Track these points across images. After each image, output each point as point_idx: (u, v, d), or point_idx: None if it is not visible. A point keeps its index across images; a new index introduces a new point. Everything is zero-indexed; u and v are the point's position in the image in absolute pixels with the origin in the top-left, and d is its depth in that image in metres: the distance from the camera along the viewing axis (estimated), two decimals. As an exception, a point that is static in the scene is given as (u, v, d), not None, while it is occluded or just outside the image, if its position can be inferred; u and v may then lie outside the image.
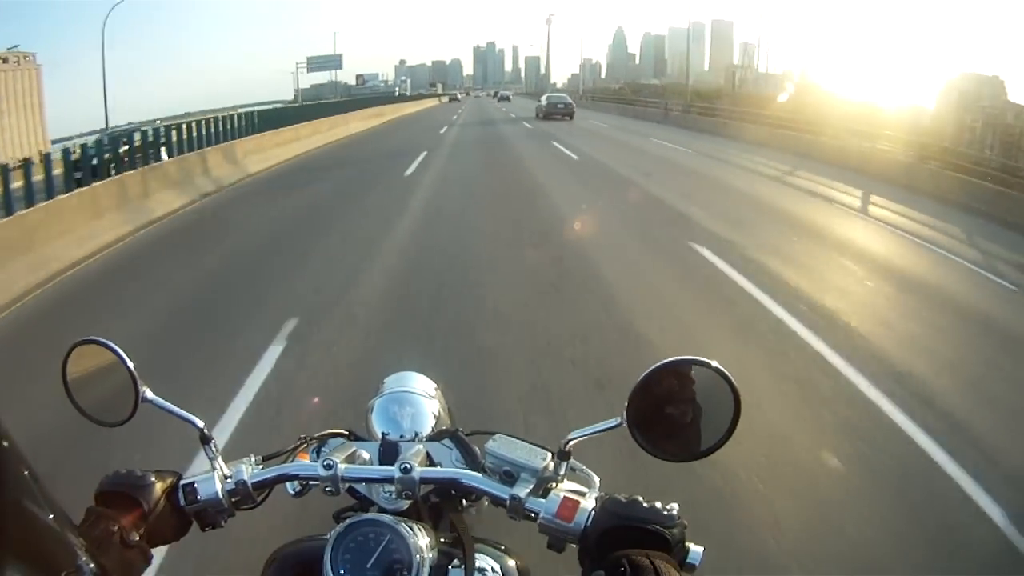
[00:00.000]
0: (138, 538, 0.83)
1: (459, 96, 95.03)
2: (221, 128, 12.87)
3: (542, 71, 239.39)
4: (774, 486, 2.92)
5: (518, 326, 4.76)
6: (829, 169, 13.40)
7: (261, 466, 0.98)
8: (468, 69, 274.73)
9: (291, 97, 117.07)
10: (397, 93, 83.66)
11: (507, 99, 71.95)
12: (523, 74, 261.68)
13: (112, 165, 9.21)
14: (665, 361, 0.85)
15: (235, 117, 14.03)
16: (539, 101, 32.52)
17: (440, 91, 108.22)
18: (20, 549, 0.53)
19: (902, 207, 10.08)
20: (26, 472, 0.55)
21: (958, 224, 9.18)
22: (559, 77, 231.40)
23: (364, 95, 61.50)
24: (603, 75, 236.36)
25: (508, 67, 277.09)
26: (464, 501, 1.06)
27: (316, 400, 3.69)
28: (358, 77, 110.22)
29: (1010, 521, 2.75)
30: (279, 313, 4.99)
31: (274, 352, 4.32)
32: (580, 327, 4.71)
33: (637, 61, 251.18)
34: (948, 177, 11.75)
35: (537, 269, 6.18)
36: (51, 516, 0.57)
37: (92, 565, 0.62)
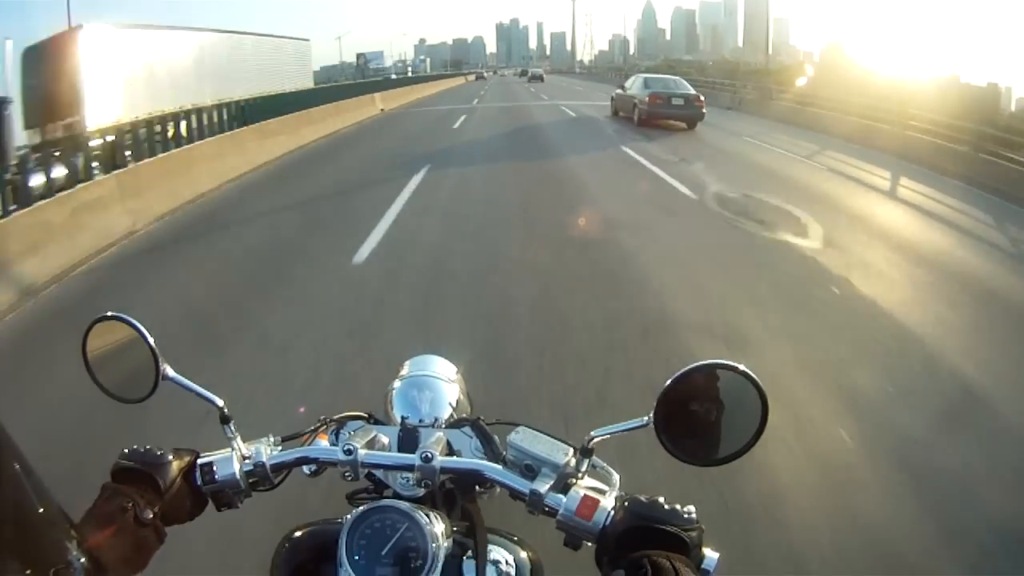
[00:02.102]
0: (152, 516, 0.82)
1: (485, 75, 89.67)
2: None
3: (568, 47, 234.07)
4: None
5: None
6: None
7: (280, 447, 0.98)
8: (491, 47, 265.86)
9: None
10: (410, 74, 76.44)
11: (539, 79, 60.40)
12: (548, 51, 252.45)
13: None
14: (694, 364, 0.85)
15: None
16: (621, 89, 18.56)
17: (464, 71, 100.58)
18: (9, 544, 0.54)
19: None
20: (18, 466, 0.55)
21: None
22: (585, 54, 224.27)
23: (372, 79, 54.55)
24: (631, 51, 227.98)
25: (533, 44, 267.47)
26: (478, 488, 1.04)
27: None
28: (359, 56, 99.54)
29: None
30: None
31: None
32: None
33: (668, 37, 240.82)
34: None
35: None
36: (41, 510, 0.58)
37: (83, 560, 0.64)
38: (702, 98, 16.13)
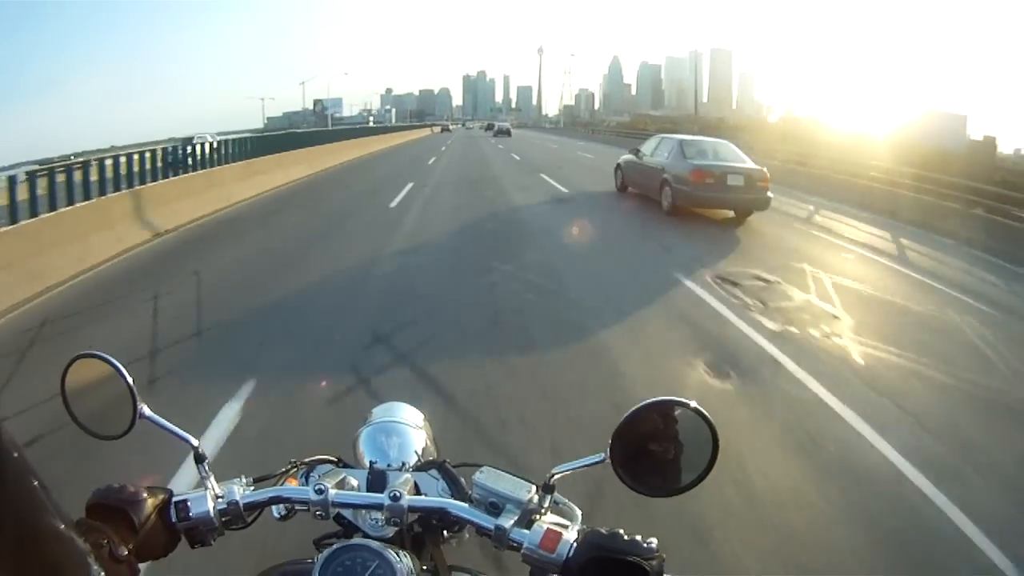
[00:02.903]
0: (127, 552, 0.83)
1: (451, 127, 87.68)
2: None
3: (534, 101, 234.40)
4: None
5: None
6: None
7: (252, 487, 1.00)
8: (457, 99, 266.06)
9: (259, 125, 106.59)
10: (372, 123, 72.67)
11: (506, 133, 56.06)
12: (514, 104, 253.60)
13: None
14: (647, 401, 0.88)
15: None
16: (634, 155, 12.98)
17: (429, 122, 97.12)
18: (33, 561, 0.55)
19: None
20: (35, 483, 0.56)
21: None
22: (551, 107, 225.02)
23: (332, 128, 50.69)
24: (597, 106, 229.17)
25: (499, 97, 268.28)
26: (446, 532, 1.05)
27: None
28: (316, 103, 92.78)
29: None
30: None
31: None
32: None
33: (634, 92, 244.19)
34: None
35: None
36: (61, 527, 0.59)
37: (103, 574, 0.65)
38: (767, 175, 10.46)
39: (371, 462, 1.15)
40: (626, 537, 0.84)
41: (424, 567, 0.98)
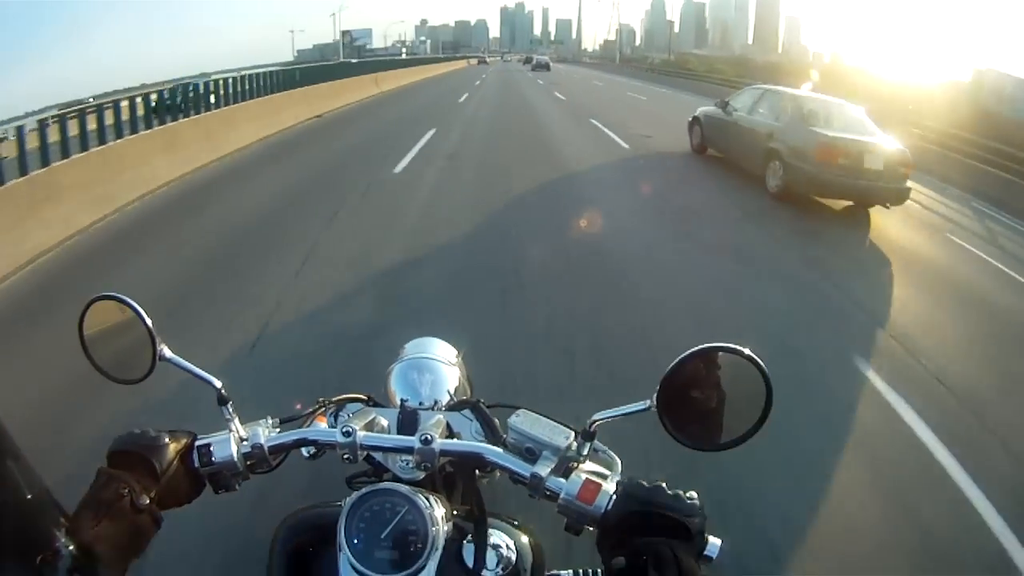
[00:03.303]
0: (148, 501, 0.81)
1: (487, 60, 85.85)
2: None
3: (574, 35, 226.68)
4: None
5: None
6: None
7: (278, 429, 0.98)
8: (495, 31, 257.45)
9: (289, 58, 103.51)
10: (404, 55, 69.71)
11: (545, 67, 54.48)
12: (552, 37, 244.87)
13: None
14: (697, 348, 0.84)
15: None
16: (720, 108, 10.50)
17: (465, 54, 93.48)
18: (4, 529, 0.53)
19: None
20: (6, 450, 0.55)
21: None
22: (591, 43, 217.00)
23: (371, 59, 48.44)
24: (638, 42, 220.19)
25: (538, 30, 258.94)
26: (478, 471, 0.99)
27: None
28: (344, 34, 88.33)
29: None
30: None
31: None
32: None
33: (676, 29, 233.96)
34: None
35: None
36: (29, 497, 0.57)
37: (72, 547, 0.64)
38: (911, 159, 7.94)
39: (402, 400, 1.15)
40: (668, 492, 0.82)
41: (455, 511, 0.96)
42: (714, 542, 0.81)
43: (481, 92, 25.58)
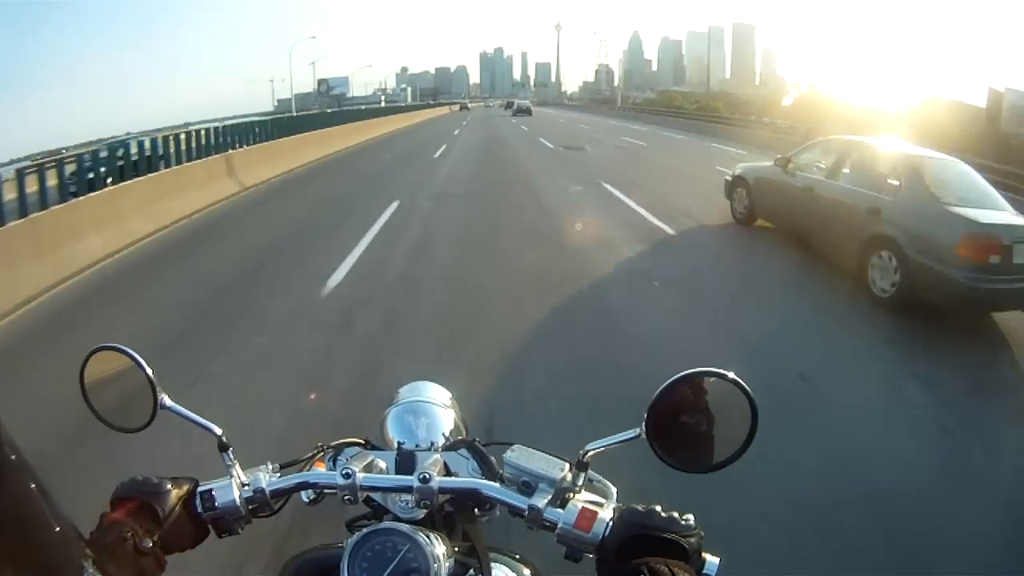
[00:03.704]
0: (151, 544, 0.82)
1: (469, 106, 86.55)
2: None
3: (553, 78, 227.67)
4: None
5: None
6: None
7: (279, 474, 0.98)
8: (475, 77, 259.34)
9: (269, 108, 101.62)
10: (383, 104, 68.18)
11: (526, 112, 52.98)
12: (532, 81, 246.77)
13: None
14: (683, 373, 0.85)
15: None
16: (780, 167, 7.88)
17: (445, 101, 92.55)
18: (26, 563, 0.54)
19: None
20: (32, 485, 0.56)
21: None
22: (570, 84, 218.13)
23: (343, 108, 46.72)
24: (616, 82, 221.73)
25: (517, 74, 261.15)
26: (477, 510, 1.02)
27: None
28: (320, 83, 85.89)
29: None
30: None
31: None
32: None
33: (654, 68, 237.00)
34: None
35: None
36: (58, 529, 0.59)
37: None
38: None
39: (399, 443, 1.12)
40: (663, 514, 0.82)
41: (456, 548, 0.95)
42: (712, 560, 0.81)
43: (461, 141, 23.74)
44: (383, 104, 67.40)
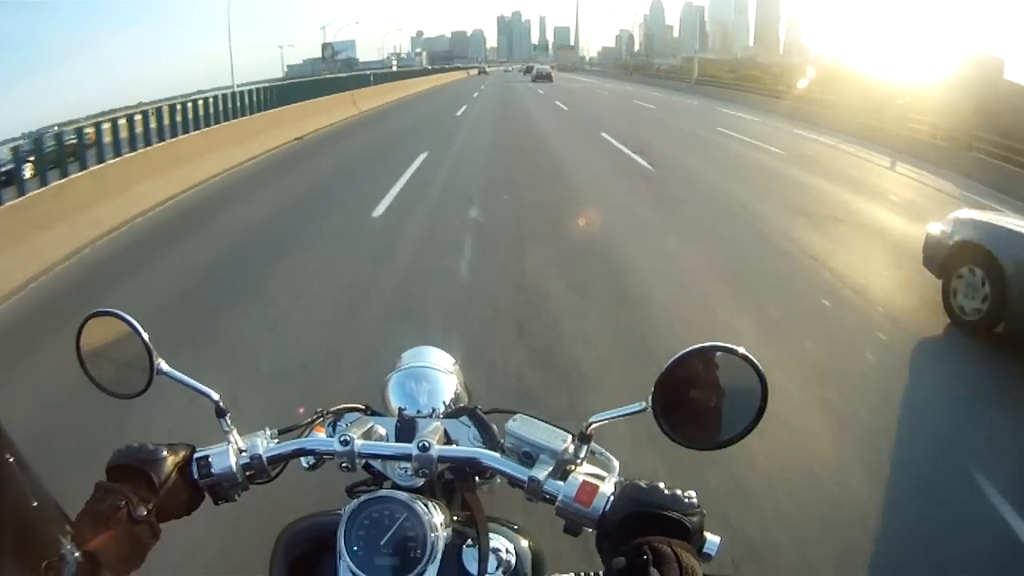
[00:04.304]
0: (146, 513, 0.82)
1: (487, 70, 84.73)
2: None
3: (571, 42, 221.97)
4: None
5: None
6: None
7: (276, 440, 0.98)
8: (492, 41, 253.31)
9: (279, 75, 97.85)
10: (394, 68, 65.05)
11: (547, 78, 49.83)
12: (550, 46, 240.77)
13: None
14: (692, 348, 0.84)
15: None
16: None
17: (460, 65, 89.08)
18: (3, 538, 0.54)
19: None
20: (11, 458, 0.55)
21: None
22: (591, 50, 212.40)
23: (361, 73, 44.17)
24: (636, 48, 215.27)
25: (535, 38, 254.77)
26: (477, 479, 1.02)
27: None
28: (325, 47, 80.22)
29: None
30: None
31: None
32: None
33: (676, 33, 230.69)
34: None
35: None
36: (35, 503, 0.58)
37: (77, 554, 0.64)
38: None
39: (400, 409, 1.10)
40: (666, 491, 0.81)
41: (455, 516, 0.95)
42: (713, 539, 0.80)
43: (473, 116, 21.50)
44: (395, 68, 64.25)
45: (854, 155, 14.62)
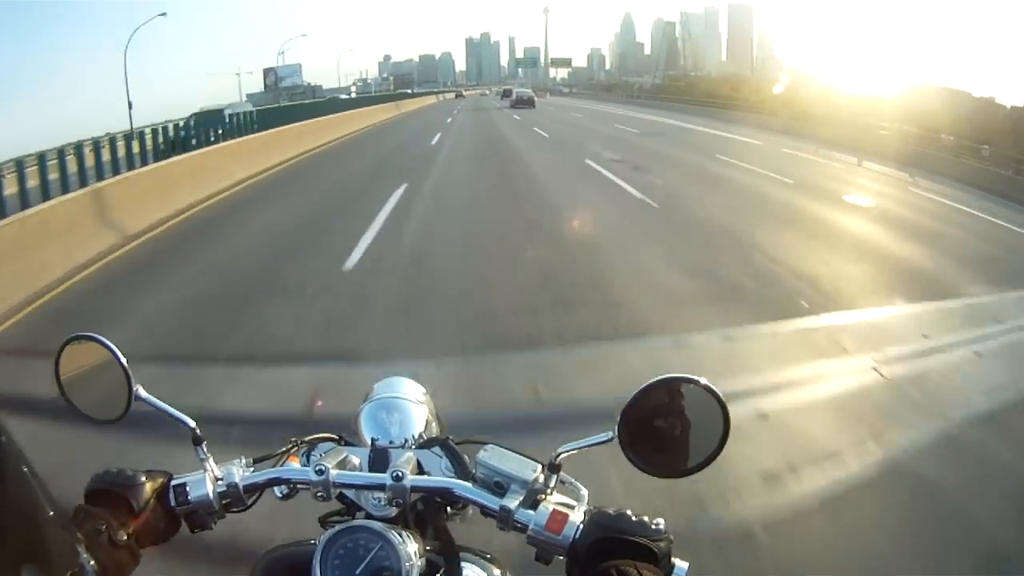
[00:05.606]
0: (126, 537, 0.81)
1: (464, 93, 79.28)
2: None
3: (541, 64, 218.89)
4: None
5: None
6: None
7: (252, 468, 0.98)
8: (460, 64, 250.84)
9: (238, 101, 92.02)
10: (354, 94, 60.07)
11: (529, 103, 44.17)
12: (520, 68, 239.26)
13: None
14: (656, 379, 0.86)
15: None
16: None
17: (429, 90, 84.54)
18: (25, 548, 0.53)
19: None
20: (25, 469, 0.54)
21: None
22: (560, 71, 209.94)
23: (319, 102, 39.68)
24: (607, 67, 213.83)
25: (504, 60, 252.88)
26: (449, 509, 1.03)
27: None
28: (267, 72, 69.48)
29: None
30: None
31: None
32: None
33: (647, 51, 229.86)
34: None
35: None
36: (51, 514, 0.57)
37: (92, 563, 0.65)
38: None
39: (373, 439, 1.10)
40: (633, 518, 0.83)
41: (428, 547, 0.94)
42: (681, 565, 0.82)
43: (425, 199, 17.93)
44: (353, 96, 58.82)
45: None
